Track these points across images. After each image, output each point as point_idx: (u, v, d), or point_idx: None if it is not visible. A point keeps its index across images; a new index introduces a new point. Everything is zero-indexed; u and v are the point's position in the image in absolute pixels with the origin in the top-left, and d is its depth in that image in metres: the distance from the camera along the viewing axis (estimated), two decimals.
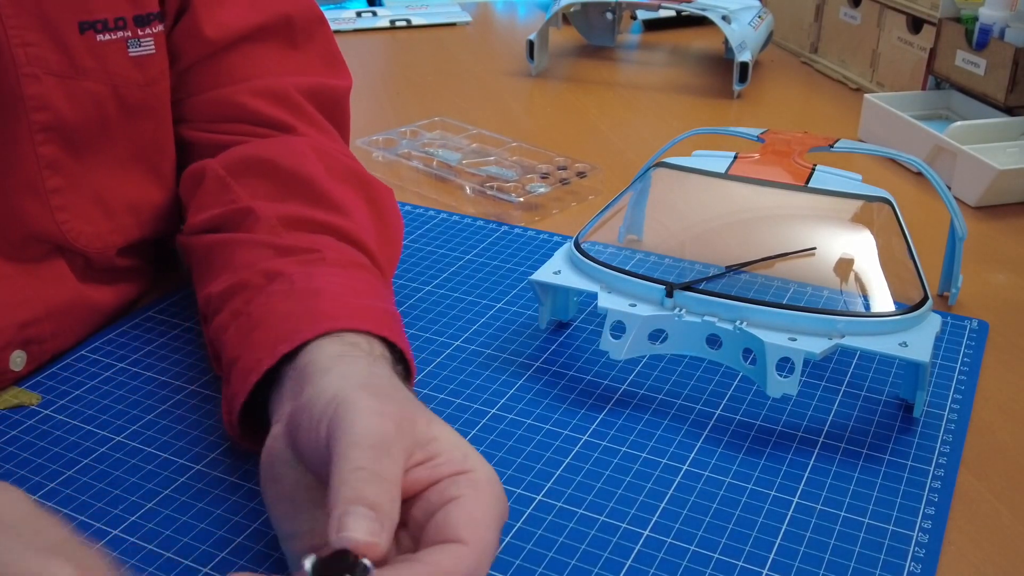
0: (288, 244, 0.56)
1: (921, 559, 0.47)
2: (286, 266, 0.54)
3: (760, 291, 0.68)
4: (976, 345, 0.64)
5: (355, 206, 0.61)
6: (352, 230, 0.59)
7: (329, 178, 0.61)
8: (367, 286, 0.54)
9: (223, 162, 0.62)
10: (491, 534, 0.40)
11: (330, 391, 0.42)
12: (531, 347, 0.64)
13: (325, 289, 0.51)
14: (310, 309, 0.50)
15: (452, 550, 0.38)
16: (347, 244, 0.58)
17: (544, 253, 0.76)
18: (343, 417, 0.40)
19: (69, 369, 0.61)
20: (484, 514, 0.40)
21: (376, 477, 0.38)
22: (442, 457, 0.41)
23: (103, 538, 0.48)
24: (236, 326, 0.52)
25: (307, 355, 0.47)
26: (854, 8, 1.19)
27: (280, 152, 0.62)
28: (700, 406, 0.58)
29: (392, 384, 0.45)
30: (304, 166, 0.61)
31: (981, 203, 0.85)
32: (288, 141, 0.64)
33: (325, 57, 0.71)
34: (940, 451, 0.54)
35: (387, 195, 0.65)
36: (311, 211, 0.59)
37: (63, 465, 0.53)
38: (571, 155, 0.93)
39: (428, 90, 1.19)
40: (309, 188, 0.60)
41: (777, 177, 0.63)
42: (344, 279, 0.53)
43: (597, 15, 1.34)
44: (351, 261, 0.56)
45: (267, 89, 0.66)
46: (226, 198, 0.60)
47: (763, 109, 1.12)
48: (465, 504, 0.40)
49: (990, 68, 0.93)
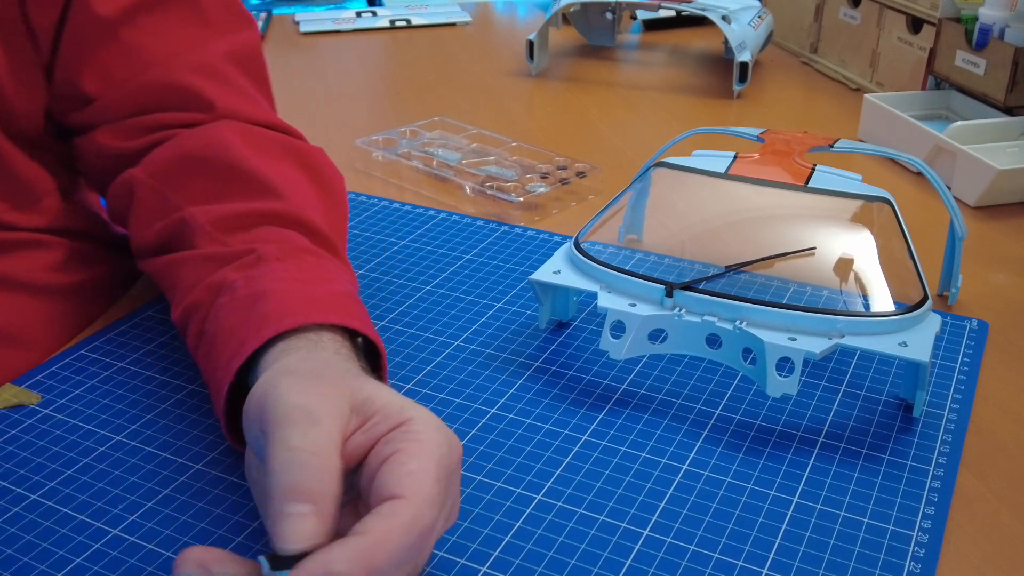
0: (227, 252, 0.55)
1: (921, 559, 0.47)
2: (229, 274, 0.53)
3: (760, 291, 0.68)
4: (976, 345, 0.64)
5: (290, 180, 0.60)
6: (291, 211, 0.57)
7: (259, 158, 0.60)
8: (313, 272, 0.54)
9: (149, 170, 0.61)
10: (428, 482, 0.39)
11: (260, 387, 0.43)
12: (531, 347, 0.64)
13: (270, 291, 0.51)
14: (254, 317, 0.49)
15: (386, 510, 0.38)
16: (289, 228, 0.57)
17: (544, 253, 0.76)
18: (268, 406, 0.40)
19: (69, 369, 0.61)
20: (420, 465, 0.39)
21: (306, 458, 0.38)
22: (378, 415, 0.41)
23: (103, 538, 0.48)
24: (201, 348, 0.53)
25: (261, 362, 0.47)
26: (854, 8, 1.19)
27: (203, 145, 0.60)
28: (700, 406, 0.58)
29: (327, 363, 0.45)
30: (231, 154, 0.59)
31: (981, 203, 0.85)
32: (207, 131, 0.62)
33: (231, 9, 0.67)
34: (940, 451, 0.54)
35: (318, 156, 0.64)
36: (247, 203, 0.57)
37: (63, 465, 0.53)
38: (571, 155, 0.93)
39: (428, 90, 1.19)
40: (241, 176, 0.59)
41: (777, 177, 0.63)
42: (288, 272, 0.53)
43: (597, 15, 1.34)
44: (294, 248, 0.55)
45: (191, 65, 0.63)
46: (163, 209, 0.59)
47: (763, 109, 1.12)
48: (399, 458, 0.39)
49: (990, 68, 0.93)
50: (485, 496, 0.51)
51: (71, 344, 0.64)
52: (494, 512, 0.50)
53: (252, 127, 0.63)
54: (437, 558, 0.47)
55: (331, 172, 0.64)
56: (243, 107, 0.64)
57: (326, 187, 0.63)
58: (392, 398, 0.42)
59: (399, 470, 0.39)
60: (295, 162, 0.62)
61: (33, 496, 0.51)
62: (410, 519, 0.38)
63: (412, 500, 0.38)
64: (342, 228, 0.63)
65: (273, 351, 0.47)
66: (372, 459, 0.40)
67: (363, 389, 0.42)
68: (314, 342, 0.47)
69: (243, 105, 0.65)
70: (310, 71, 1.27)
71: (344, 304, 0.51)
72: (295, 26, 1.47)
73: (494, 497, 0.51)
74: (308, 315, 0.48)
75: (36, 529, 0.49)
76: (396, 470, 0.39)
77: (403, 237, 0.79)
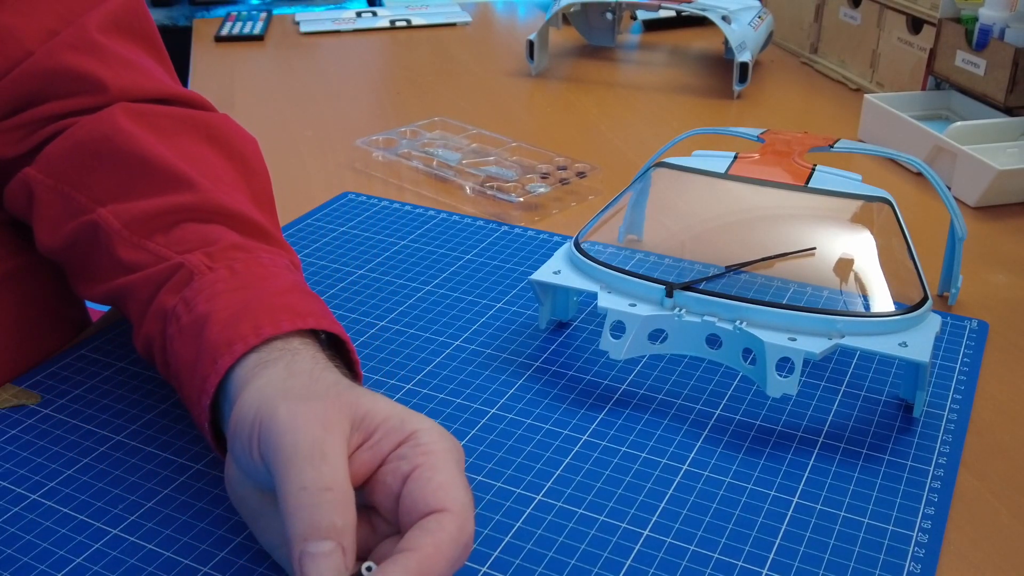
0: (154, 265, 0.52)
1: (921, 559, 0.47)
2: (166, 300, 0.51)
3: (760, 291, 0.68)
4: (976, 345, 0.64)
5: (199, 162, 0.56)
6: (207, 201, 0.54)
7: (163, 144, 0.56)
8: (249, 273, 0.51)
9: (45, 168, 0.57)
10: (461, 491, 0.39)
11: (251, 409, 0.42)
12: (531, 347, 0.64)
13: (210, 313, 0.48)
14: (206, 348, 0.47)
15: (432, 524, 0.38)
16: (210, 222, 0.54)
17: (544, 253, 0.76)
18: (269, 436, 0.40)
19: (69, 369, 0.61)
20: (447, 476, 0.39)
21: (321, 496, 0.38)
22: (380, 431, 0.41)
23: (103, 538, 0.48)
24: (171, 381, 0.51)
25: (234, 379, 0.46)
26: (854, 8, 1.19)
27: (101, 136, 0.56)
28: (700, 406, 0.58)
29: (312, 376, 0.44)
30: (132, 143, 0.56)
31: (981, 203, 0.85)
32: (102, 119, 0.57)
33: None
34: (940, 451, 0.54)
35: (225, 125, 0.60)
36: (158, 198, 0.54)
37: (63, 465, 0.53)
38: (571, 155, 0.93)
39: (428, 90, 1.19)
40: (146, 168, 0.55)
41: (777, 177, 0.63)
42: (222, 283, 0.50)
43: (597, 15, 1.34)
44: (221, 249, 0.52)
45: (69, 43, 0.58)
46: (68, 211, 0.56)
47: (763, 109, 1.12)
48: (424, 473, 0.39)
49: (990, 68, 0.93)
50: (485, 496, 0.51)
51: (71, 344, 0.64)
52: (494, 512, 0.50)
53: (150, 106, 0.58)
54: None
55: (241, 141, 0.60)
56: (136, 81, 0.60)
57: (238, 159, 0.59)
58: (391, 410, 0.42)
59: (428, 485, 0.39)
60: (201, 138, 0.58)
61: (33, 496, 0.51)
62: (456, 529, 0.38)
63: (454, 511, 0.39)
64: (266, 201, 0.59)
65: (246, 364, 0.45)
66: (387, 477, 0.40)
67: (360, 403, 0.42)
68: (289, 351, 0.46)
69: (136, 79, 0.60)
70: (310, 71, 1.27)
71: (291, 303, 0.49)
72: (295, 26, 1.47)
73: (494, 497, 0.51)
74: (258, 331, 0.46)
75: (36, 529, 0.49)
76: (425, 485, 0.39)
77: (403, 237, 0.79)
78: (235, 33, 1.41)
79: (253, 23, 1.46)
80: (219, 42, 1.40)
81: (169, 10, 2.46)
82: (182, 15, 2.44)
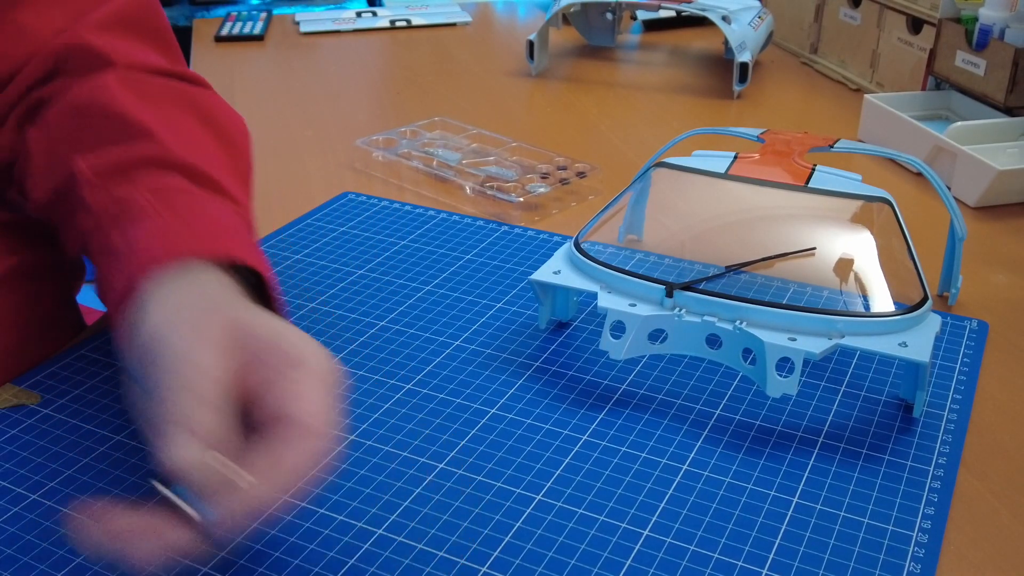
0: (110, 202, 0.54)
1: (921, 559, 0.47)
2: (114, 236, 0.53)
3: (760, 291, 0.68)
4: (976, 345, 0.64)
5: (172, 124, 0.58)
6: (168, 154, 0.56)
7: (140, 104, 0.58)
8: (187, 208, 0.53)
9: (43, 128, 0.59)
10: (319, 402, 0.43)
11: (145, 331, 0.45)
12: (531, 347, 0.64)
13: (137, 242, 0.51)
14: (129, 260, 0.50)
15: (287, 434, 0.41)
16: (168, 171, 0.56)
17: (544, 253, 0.76)
18: (159, 360, 0.43)
19: (69, 369, 0.61)
20: (309, 387, 0.43)
21: (182, 394, 0.41)
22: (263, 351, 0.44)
23: None
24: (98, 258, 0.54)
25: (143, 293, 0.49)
26: (854, 8, 1.19)
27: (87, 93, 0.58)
28: (700, 406, 0.58)
29: (204, 296, 0.47)
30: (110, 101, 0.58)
31: (981, 203, 0.85)
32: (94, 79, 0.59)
33: None
34: (940, 451, 0.54)
35: (213, 101, 0.63)
36: (123, 148, 0.56)
37: (63, 465, 0.53)
38: (571, 155, 0.93)
39: (428, 90, 1.19)
40: (117, 122, 0.57)
41: (777, 177, 0.63)
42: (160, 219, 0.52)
43: (597, 15, 1.34)
44: (167, 190, 0.54)
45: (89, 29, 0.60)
46: (53, 166, 0.58)
47: (763, 109, 1.12)
48: (284, 384, 0.43)
49: (990, 68, 0.93)
50: (485, 496, 0.51)
51: (71, 344, 0.64)
52: (494, 512, 0.50)
53: (146, 76, 0.61)
54: (437, 558, 0.47)
55: (226, 117, 0.63)
56: (142, 58, 0.62)
57: (219, 131, 0.61)
58: (272, 325, 0.45)
59: (289, 394, 0.43)
60: (184, 107, 0.60)
61: (33, 496, 0.51)
62: (310, 442, 0.42)
63: (308, 423, 0.42)
64: (239, 168, 0.61)
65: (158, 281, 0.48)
66: (261, 388, 0.43)
67: (241, 319, 0.45)
68: (191, 278, 0.48)
69: (143, 57, 0.62)
70: (310, 71, 1.27)
71: (213, 235, 0.52)
72: (295, 26, 1.47)
73: (494, 497, 0.51)
74: (169, 252, 0.49)
75: (36, 529, 0.49)
76: (286, 394, 0.43)
77: (403, 237, 0.79)
78: (235, 33, 1.41)
79: (253, 23, 1.46)
80: (219, 42, 1.40)
81: (169, 10, 2.47)
82: (182, 15, 2.44)
